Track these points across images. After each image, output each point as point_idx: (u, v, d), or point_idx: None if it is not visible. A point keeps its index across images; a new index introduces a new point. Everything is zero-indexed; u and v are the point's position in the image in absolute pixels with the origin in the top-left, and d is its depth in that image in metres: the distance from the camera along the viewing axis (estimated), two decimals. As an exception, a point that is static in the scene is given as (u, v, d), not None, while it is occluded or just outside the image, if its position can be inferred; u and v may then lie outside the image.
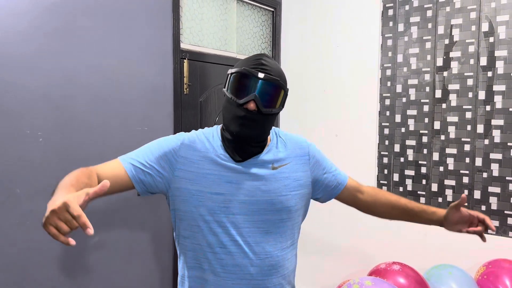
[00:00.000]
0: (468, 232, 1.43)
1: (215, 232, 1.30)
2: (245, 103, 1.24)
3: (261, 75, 1.23)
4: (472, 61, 2.56)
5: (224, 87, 1.32)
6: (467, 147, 2.60)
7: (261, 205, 1.31)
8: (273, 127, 1.45)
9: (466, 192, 2.60)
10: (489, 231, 1.38)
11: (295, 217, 1.40)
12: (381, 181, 2.94)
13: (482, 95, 2.54)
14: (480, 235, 1.43)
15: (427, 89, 2.73)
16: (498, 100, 2.49)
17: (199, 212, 1.30)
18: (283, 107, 1.32)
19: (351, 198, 1.54)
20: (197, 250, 1.33)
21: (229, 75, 1.30)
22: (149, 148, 1.34)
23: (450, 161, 2.66)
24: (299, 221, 1.45)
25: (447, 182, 2.67)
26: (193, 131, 1.42)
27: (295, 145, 1.43)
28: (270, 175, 1.33)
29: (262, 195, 1.31)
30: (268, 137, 1.40)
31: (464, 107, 2.60)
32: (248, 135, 1.28)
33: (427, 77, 2.73)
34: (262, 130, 1.30)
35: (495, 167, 2.51)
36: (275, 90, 1.27)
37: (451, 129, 2.65)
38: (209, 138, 1.36)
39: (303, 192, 1.41)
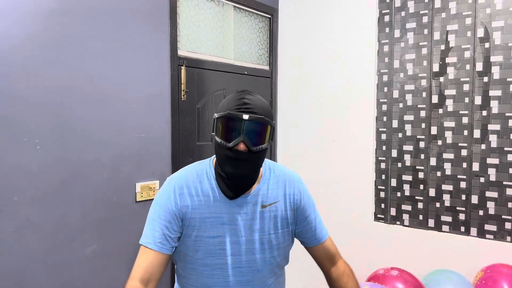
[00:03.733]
0: None
1: (209, 274, 1.32)
2: (235, 146, 1.24)
3: (245, 116, 1.22)
4: (468, 67, 2.58)
5: (212, 131, 1.31)
6: (464, 152, 2.60)
7: (252, 244, 1.34)
8: (268, 161, 1.45)
9: (463, 197, 2.61)
10: (487, 235, 1.37)
11: (285, 252, 1.43)
12: (378, 186, 2.94)
13: (478, 100, 2.55)
14: None
15: (424, 94, 2.74)
16: (494, 105, 2.50)
17: (196, 256, 1.32)
18: (272, 140, 1.32)
19: (319, 260, 1.49)
20: None
21: (215, 119, 1.29)
22: (158, 216, 1.31)
23: (447, 166, 2.66)
24: (288, 253, 1.47)
25: (444, 187, 2.68)
26: (184, 170, 1.40)
27: (286, 182, 1.42)
28: (260, 213, 1.35)
29: (252, 234, 1.33)
30: (260, 171, 1.40)
31: (460, 112, 2.61)
32: (242, 175, 1.28)
33: (423, 82, 2.74)
34: (256, 166, 1.31)
35: (492, 172, 2.51)
36: (262, 128, 1.26)
37: (448, 134, 2.66)
38: (201, 177, 1.35)
39: (291, 229, 1.43)
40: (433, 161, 2.72)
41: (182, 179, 1.35)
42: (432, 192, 2.73)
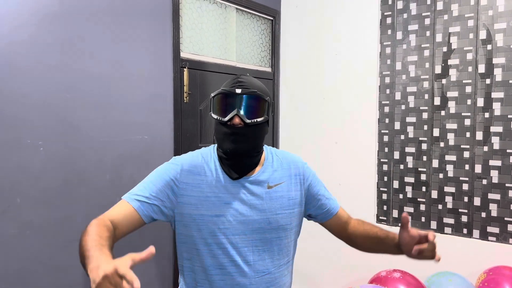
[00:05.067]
0: (416, 253, 1.32)
1: (214, 254, 1.32)
2: (230, 120, 1.29)
3: (238, 90, 1.29)
4: (470, 69, 2.58)
5: (210, 111, 1.36)
6: (466, 154, 2.60)
7: (258, 224, 1.35)
8: (270, 147, 1.49)
9: (466, 199, 2.60)
10: (489, 237, 1.37)
11: (291, 234, 1.43)
12: (381, 188, 2.94)
13: (480, 102, 2.55)
14: (430, 254, 1.32)
15: (426, 96, 2.74)
16: (497, 107, 2.50)
17: (201, 236, 1.32)
18: (268, 116, 1.35)
19: (339, 228, 1.54)
20: (197, 272, 1.36)
21: (212, 98, 1.35)
22: (151, 180, 1.33)
23: (449, 168, 2.66)
24: (295, 238, 1.48)
25: (447, 189, 2.67)
26: (190, 152, 1.44)
27: (290, 164, 1.46)
28: (266, 194, 1.37)
29: (259, 214, 1.35)
30: (263, 155, 1.43)
31: (463, 114, 2.61)
32: (241, 150, 1.31)
33: (425, 84, 2.74)
34: (254, 142, 1.34)
35: (494, 174, 2.51)
36: (256, 102, 1.31)
37: (450, 136, 2.66)
38: (206, 159, 1.39)
39: (297, 211, 1.44)
40: (435, 163, 2.72)
41: (187, 158, 1.38)
42: (434, 194, 2.72)
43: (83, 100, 2.13)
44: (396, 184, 2.88)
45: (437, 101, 2.70)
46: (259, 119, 1.31)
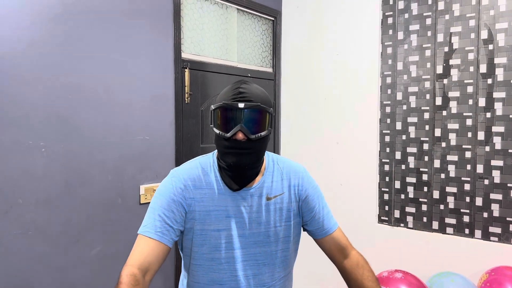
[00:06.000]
0: None
1: (215, 269, 1.30)
2: (233, 135, 1.23)
3: (241, 105, 1.22)
4: (472, 69, 2.58)
5: (211, 123, 1.31)
6: (468, 154, 2.60)
7: (258, 237, 1.32)
8: (272, 154, 1.44)
9: (468, 199, 2.60)
10: (491, 237, 1.36)
11: (291, 246, 1.40)
12: (382, 189, 2.94)
13: (482, 102, 2.55)
14: None
15: (428, 96, 2.74)
16: (499, 107, 2.49)
17: (202, 251, 1.30)
18: (271, 127, 1.30)
19: (330, 252, 1.42)
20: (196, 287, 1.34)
21: (212, 111, 1.29)
22: (160, 205, 1.27)
23: (451, 168, 2.66)
24: (295, 248, 1.45)
25: (448, 189, 2.67)
26: (188, 163, 1.38)
27: (291, 174, 1.41)
28: (265, 206, 1.33)
29: (258, 227, 1.32)
30: (264, 163, 1.38)
31: (464, 114, 2.61)
32: (244, 163, 1.26)
33: (427, 84, 2.74)
34: (257, 155, 1.29)
35: (496, 174, 2.51)
36: (259, 115, 1.25)
37: (452, 136, 2.65)
38: (206, 170, 1.34)
39: (296, 221, 1.40)
40: (437, 163, 2.71)
41: (186, 172, 1.33)
42: (436, 194, 2.72)
43: (85, 101, 2.14)
44: (397, 184, 2.88)
45: (438, 101, 2.70)
46: (263, 133, 1.25)
